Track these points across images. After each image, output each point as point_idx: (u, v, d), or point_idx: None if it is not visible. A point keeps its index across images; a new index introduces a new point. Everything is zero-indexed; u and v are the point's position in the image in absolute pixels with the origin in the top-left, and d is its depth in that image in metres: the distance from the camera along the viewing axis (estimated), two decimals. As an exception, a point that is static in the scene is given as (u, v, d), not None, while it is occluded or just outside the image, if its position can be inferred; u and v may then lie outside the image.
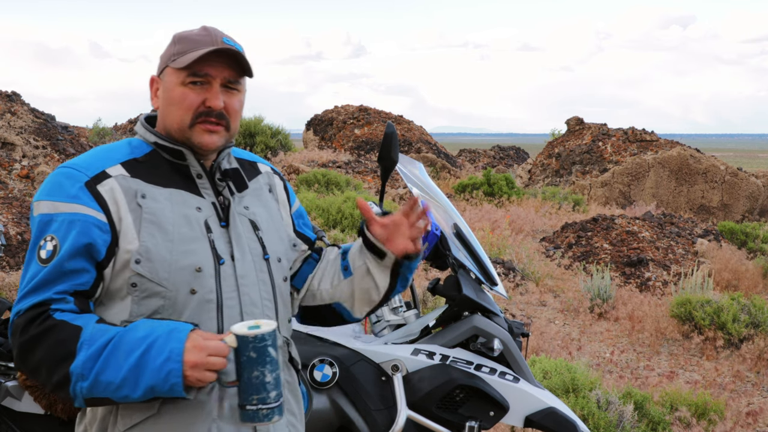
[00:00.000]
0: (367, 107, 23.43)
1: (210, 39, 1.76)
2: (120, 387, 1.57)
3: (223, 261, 1.74)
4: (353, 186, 13.14)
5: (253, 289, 1.78)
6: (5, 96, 19.06)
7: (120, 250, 1.66)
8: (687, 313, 6.96)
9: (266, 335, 1.58)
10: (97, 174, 1.69)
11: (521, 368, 2.61)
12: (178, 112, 1.75)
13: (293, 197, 2.06)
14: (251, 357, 1.57)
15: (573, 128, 20.43)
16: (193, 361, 1.56)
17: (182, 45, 1.76)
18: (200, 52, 1.72)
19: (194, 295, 1.69)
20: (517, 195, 14.94)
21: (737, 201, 16.54)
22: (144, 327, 1.61)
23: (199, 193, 1.78)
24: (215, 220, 1.77)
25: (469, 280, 2.63)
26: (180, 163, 1.78)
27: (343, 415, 2.49)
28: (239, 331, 1.59)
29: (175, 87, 1.76)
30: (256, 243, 1.82)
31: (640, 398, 4.62)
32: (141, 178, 1.72)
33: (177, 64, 1.75)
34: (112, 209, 1.67)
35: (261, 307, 1.79)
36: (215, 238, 1.74)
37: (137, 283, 1.66)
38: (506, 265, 8.74)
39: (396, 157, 2.57)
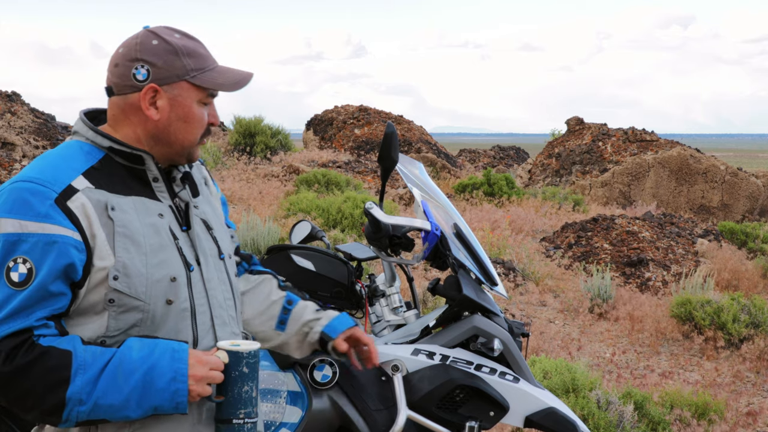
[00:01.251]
0: (367, 107, 23.42)
1: (210, 54, 1.76)
2: (121, 408, 1.57)
3: (192, 267, 1.73)
4: (353, 186, 13.14)
5: (218, 291, 1.79)
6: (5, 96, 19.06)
7: (94, 267, 1.62)
8: (687, 313, 6.96)
9: (257, 352, 1.66)
10: (65, 189, 1.62)
11: (521, 368, 2.61)
12: (194, 131, 1.74)
13: (216, 185, 2.04)
14: (243, 372, 1.64)
15: (573, 128, 20.43)
16: (198, 375, 1.61)
17: (196, 60, 1.72)
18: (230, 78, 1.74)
19: (171, 305, 1.68)
20: (517, 195, 14.94)
21: (737, 201, 16.54)
22: (139, 348, 1.61)
23: (156, 197, 1.74)
24: (176, 225, 1.75)
25: (469, 280, 2.63)
26: (136, 168, 1.73)
27: (343, 415, 2.49)
28: (231, 348, 1.64)
29: (193, 104, 1.73)
30: (211, 243, 1.82)
31: (640, 398, 4.62)
32: (104, 189, 1.66)
33: (203, 83, 1.71)
34: (85, 226, 1.61)
35: (225, 308, 1.81)
36: (181, 245, 1.73)
37: (115, 299, 1.63)
38: (506, 265, 8.74)
39: (396, 157, 2.57)
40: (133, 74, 1.69)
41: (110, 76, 1.73)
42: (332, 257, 2.76)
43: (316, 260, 2.74)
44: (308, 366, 2.53)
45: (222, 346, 1.66)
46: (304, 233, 2.95)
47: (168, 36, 1.71)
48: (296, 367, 2.54)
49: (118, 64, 1.70)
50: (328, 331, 2.04)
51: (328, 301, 2.74)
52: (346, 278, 2.74)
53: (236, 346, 1.65)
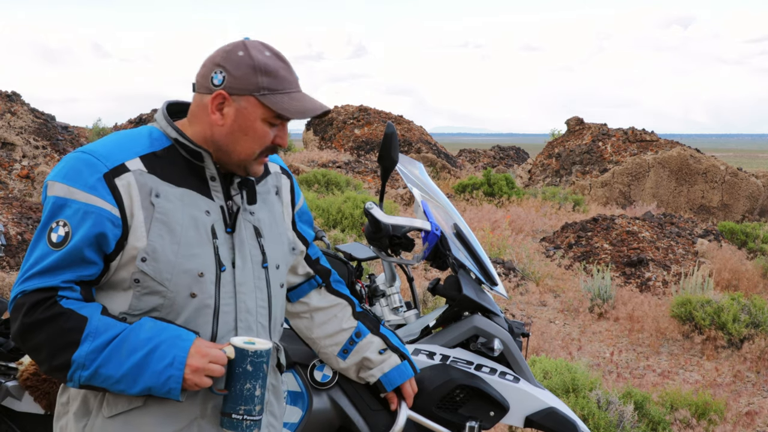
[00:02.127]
0: (367, 107, 23.43)
1: (294, 79, 1.78)
2: (118, 382, 1.64)
3: (224, 268, 1.77)
4: (353, 186, 13.14)
5: (250, 297, 1.82)
6: (5, 96, 19.06)
7: (128, 245, 1.69)
8: (687, 313, 6.96)
9: (264, 352, 1.69)
10: (117, 166, 1.70)
11: (521, 368, 2.61)
12: (252, 146, 1.78)
13: (298, 196, 2.09)
14: (247, 370, 1.67)
15: (573, 128, 20.44)
16: (195, 365, 1.64)
17: (271, 80, 1.75)
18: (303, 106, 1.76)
19: (194, 299, 1.73)
20: (517, 195, 14.95)
21: (737, 201, 16.55)
22: (149, 328, 1.66)
23: (210, 195, 1.80)
24: (221, 226, 1.79)
25: (469, 280, 2.63)
26: (196, 164, 1.80)
27: (343, 415, 2.49)
28: (239, 344, 1.67)
29: (257, 120, 1.76)
30: (257, 250, 1.85)
31: (640, 398, 4.62)
32: (157, 175, 1.73)
33: (270, 104, 1.74)
34: (126, 204, 1.69)
35: (255, 315, 1.84)
36: (219, 244, 1.77)
37: (140, 280, 1.70)
38: (506, 265, 8.74)
39: (396, 157, 2.57)
40: (212, 77, 1.76)
41: (198, 71, 1.81)
42: (332, 257, 2.76)
43: (316, 260, 2.74)
44: (308, 366, 2.53)
45: (233, 342, 1.69)
46: (304, 233, 2.95)
47: (256, 51, 1.76)
48: (296, 367, 2.54)
49: (205, 65, 1.79)
50: (384, 383, 2.30)
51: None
52: (346, 278, 2.74)
53: (249, 344, 1.68)
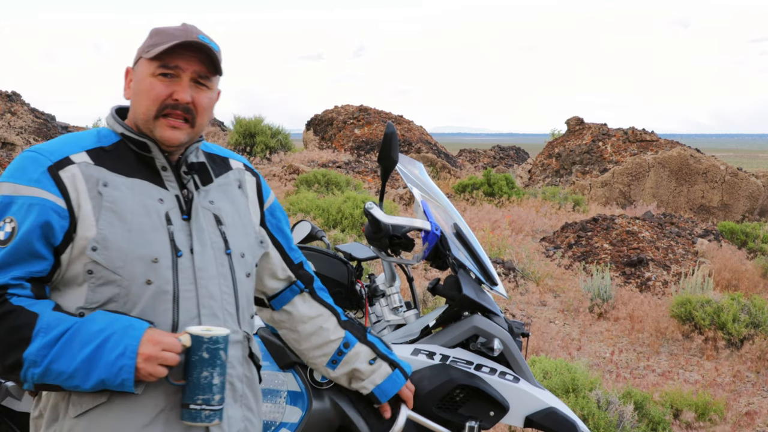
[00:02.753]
0: (367, 107, 23.43)
1: (184, 34, 1.77)
2: (71, 377, 1.62)
3: (181, 253, 1.75)
4: (353, 186, 13.14)
5: (212, 283, 1.79)
6: (5, 96, 19.07)
7: (77, 236, 1.68)
8: (687, 313, 6.96)
9: (220, 338, 1.65)
10: (61, 159, 1.71)
11: (521, 368, 2.61)
12: (145, 103, 1.76)
13: (267, 193, 2.06)
14: (203, 357, 1.63)
15: (573, 128, 20.44)
16: (147, 353, 1.61)
17: (157, 38, 1.78)
18: (172, 43, 1.74)
19: (150, 285, 1.70)
20: (517, 195, 14.95)
21: (737, 201, 16.55)
22: (101, 320, 1.64)
23: (164, 185, 1.79)
24: (177, 213, 1.78)
25: (469, 280, 2.63)
26: (146, 155, 1.79)
27: (343, 415, 2.49)
28: (195, 331, 1.64)
29: (145, 77, 1.77)
30: (218, 237, 1.83)
31: (640, 398, 4.62)
32: (105, 167, 1.73)
33: (149, 55, 1.76)
34: (72, 195, 1.68)
35: (220, 301, 1.80)
36: (175, 230, 1.75)
37: (93, 270, 1.68)
38: (506, 265, 8.74)
39: (396, 157, 2.57)
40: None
41: None
42: (332, 257, 2.76)
43: (316, 260, 2.73)
44: (308, 366, 2.53)
45: (190, 330, 1.66)
46: (304, 233, 2.94)
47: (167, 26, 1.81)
48: (296, 367, 2.54)
49: None
50: (378, 394, 2.28)
51: (328, 301, 2.74)
52: (346, 278, 2.74)
53: (207, 331, 1.65)
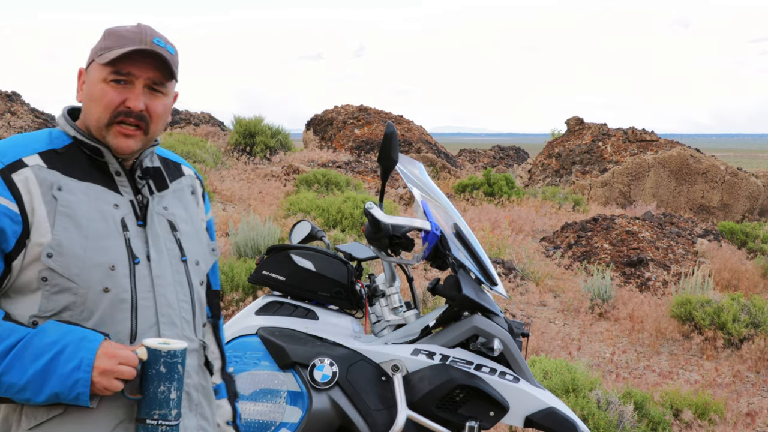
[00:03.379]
0: (367, 107, 23.42)
1: (139, 37, 1.71)
2: (23, 390, 1.57)
3: (138, 260, 1.70)
4: (353, 186, 13.13)
5: (170, 290, 1.75)
6: (5, 96, 19.07)
7: (31, 242, 1.62)
8: (687, 313, 6.96)
9: (178, 352, 1.61)
10: (13, 162, 1.64)
11: (521, 368, 2.61)
12: (97, 109, 1.71)
13: (208, 206, 2.02)
14: (160, 371, 1.59)
15: (573, 128, 20.43)
16: (102, 367, 1.56)
17: (110, 40, 1.72)
18: (124, 49, 1.67)
19: (107, 293, 1.65)
20: (517, 195, 14.94)
21: (737, 201, 16.54)
22: (54, 331, 1.59)
23: (118, 190, 1.74)
24: (132, 219, 1.73)
25: (469, 280, 2.63)
26: (99, 160, 1.74)
27: (343, 415, 2.49)
28: (152, 345, 1.60)
29: (97, 83, 1.71)
30: (173, 244, 1.79)
31: (640, 398, 4.62)
32: (58, 170, 1.67)
33: (101, 60, 1.70)
34: (26, 200, 1.62)
35: (178, 309, 1.76)
36: (131, 237, 1.71)
37: (48, 278, 1.62)
38: (506, 265, 8.74)
39: (396, 157, 2.57)
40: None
41: None
42: (332, 257, 2.76)
43: (316, 260, 2.74)
44: (308, 366, 2.53)
45: (146, 343, 1.61)
46: (304, 233, 2.95)
47: (122, 26, 1.75)
48: (296, 367, 2.54)
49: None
50: None
51: (328, 301, 2.74)
52: (346, 278, 2.74)
53: (164, 344, 1.60)
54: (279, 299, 2.73)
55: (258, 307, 2.72)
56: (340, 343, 2.59)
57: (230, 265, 6.61)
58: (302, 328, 2.63)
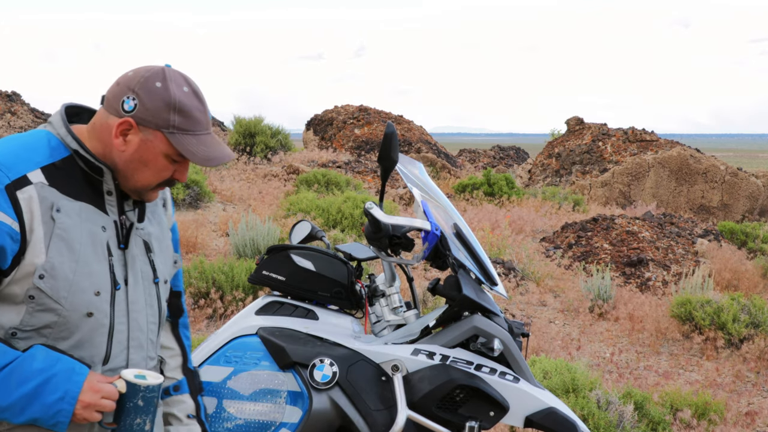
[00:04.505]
0: (367, 107, 23.41)
1: (206, 120, 1.76)
2: (4, 410, 1.61)
3: (119, 286, 1.76)
4: (353, 186, 13.13)
5: (141, 315, 1.82)
6: (5, 96, 19.06)
7: (25, 260, 1.64)
8: (687, 313, 6.96)
9: (155, 387, 1.69)
10: (19, 178, 1.65)
11: (521, 368, 2.61)
12: (150, 177, 1.76)
13: (172, 210, 2.06)
14: (138, 405, 1.67)
15: (573, 128, 20.43)
16: (87, 401, 1.63)
17: (183, 119, 1.72)
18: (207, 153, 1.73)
19: (90, 318, 1.70)
20: (517, 195, 14.94)
21: (737, 201, 16.54)
22: (42, 358, 1.63)
23: (105, 209, 1.77)
24: (115, 242, 1.77)
25: (469, 280, 2.63)
26: (94, 177, 1.76)
27: (343, 415, 2.49)
28: (131, 379, 1.67)
29: (159, 155, 1.73)
30: (147, 266, 1.84)
31: (640, 398, 4.62)
32: (57, 188, 1.69)
33: (176, 143, 1.71)
34: (26, 219, 1.64)
35: (146, 332, 1.83)
36: (114, 262, 1.76)
37: (35, 296, 1.65)
38: (506, 265, 8.74)
39: (396, 157, 2.57)
40: (123, 101, 1.71)
41: (110, 88, 1.75)
42: (332, 257, 2.76)
43: (316, 260, 2.74)
44: (308, 366, 2.53)
45: (124, 376, 1.69)
46: (304, 233, 2.95)
47: (175, 86, 1.72)
48: (296, 367, 2.54)
49: (119, 84, 1.73)
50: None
51: (328, 301, 2.74)
52: (346, 278, 2.74)
53: (140, 377, 1.68)
54: (279, 299, 2.73)
55: (258, 307, 2.72)
56: (340, 343, 2.59)
57: (230, 265, 6.62)
58: (302, 328, 2.63)
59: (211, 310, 6.23)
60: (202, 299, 6.34)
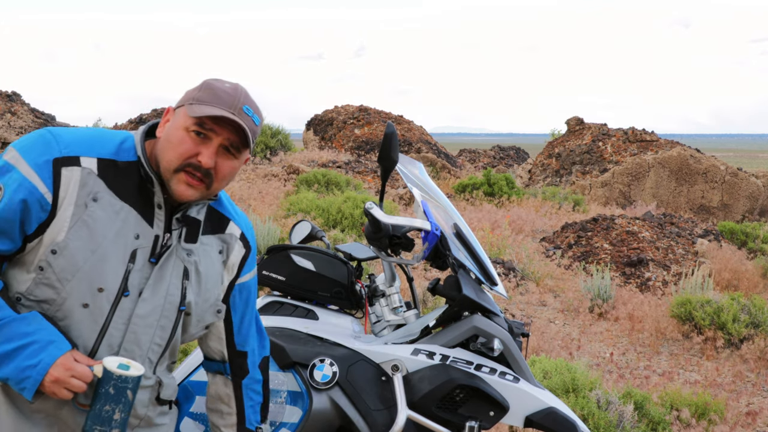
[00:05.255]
0: (367, 107, 23.41)
1: (232, 101, 1.76)
2: None
3: (128, 293, 1.75)
4: (353, 186, 13.13)
5: (146, 332, 1.80)
6: (5, 96, 19.06)
7: (47, 233, 1.68)
8: (687, 313, 6.96)
9: (130, 379, 1.70)
10: (70, 156, 1.71)
11: (521, 368, 2.61)
12: (171, 153, 1.75)
13: (248, 270, 2.04)
14: (109, 392, 1.69)
15: (573, 128, 20.43)
16: (56, 376, 1.65)
17: (206, 93, 1.77)
18: (214, 112, 1.73)
19: (85, 309, 1.72)
20: (518, 195, 14.94)
21: (737, 201, 16.54)
22: (33, 324, 1.67)
23: (151, 221, 1.78)
24: (146, 253, 1.77)
25: (469, 280, 2.63)
26: (149, 188, 1.79)
27: (343, 415, 2.49)
28: (108, 366, 1.69)
29: (179, 129, 1.76)
30: (177, 290, 1.83)
31: (640, 398, 4.62)
32: (105, 181, 1.73)
33: (190, 111, 1.75)
34: (61, 194, 1.68)
35: (146, 350, 1.82)
36: (134, 270, 1.75)
37: (44, 268, 1.69)
38: (506, 265, 8.74)
39: (396, 157, 2.57)
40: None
41: None
42: (332, 257, 2.76)
43: (316, 260, 2.74)
44: (308, 366, 2.53)
45: (105, 362, 1.70)
46: (304, 233, 2.95)
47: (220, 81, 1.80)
48: (296, 367, 2.54)
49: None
50: None
51: (328, 301, 2.74)
52: (346, 278, 2.74)
53: (122, 367, 1.70)
54: (279, 299, 2.74)
55: (258, 307, 2.72)
56: (340, 343, 2.59)
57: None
58: (302, 328, 2.63)
59: (211, 310, 6.24)
60: (202, 299, 6.34)
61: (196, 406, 2.53)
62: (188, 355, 3.00)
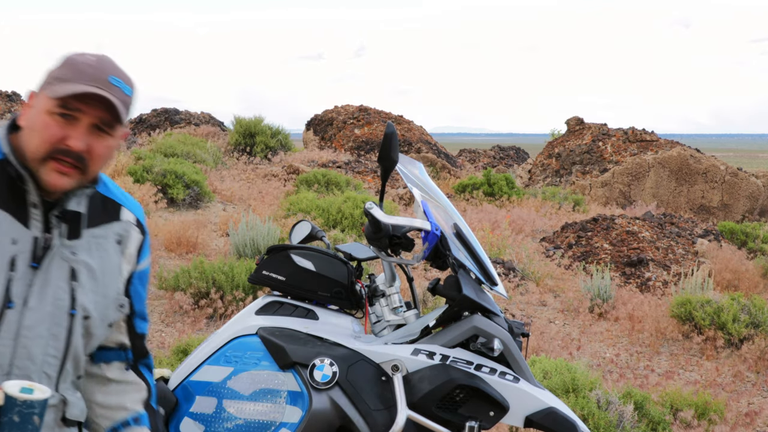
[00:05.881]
0: (367, 107, 23.41)
1: (95, 74, 1.60)
2: None
3: (12, 305, 1.59)
4: (353, 186, 13.13)
5: (37, 343, 1.62)
6: (5, 96, 19.07)
7: None
8: (687, 313, 6.96)
9: (36, 403, 1.54)
10: None
11: (521, 368, 2.61)
12: (36, 141, 1.59)
13: (144, 255, 1.86)
14: (13, 420, 1.53)
15: (573, 128, 20.43)
16: None
17: (67, 70, 1.60)
18: (75, 89, 1.57)
19: None
20: (518, 195, 14.94)
21: (737, 201, 16.54)
22: None
23: (27, 223, 1.62)
24: (26, 259, 1.61)
25: (469, 280, 2.63)
26: (20, 186, 1.62)
27: (343, 415, 2.49)
28: (9, 391, 1.53)
29: (42, 114, 1.59)
30: (65, 294, 1.65)
31: (640, 398, 4.62)
32: None
33: (51, 91, 1.59)
34: None
35: (40, 364, 1.64)
36: (15, 279, 1.59)
37: None
38: (506, 265, 8.73)
39: (396, 157, 2.58)
40: None
41: None
42: (332, 257, 2.76)
43: (316, 260, 2.74)
44: (308, 366, 2.53)
45: (6, 387, 1.53)
46: (304, 233, 2.95)
47: (82, 55, 1.64)
48: (296, 366, 2.54)
49: None
50: None
51: (328, 301, 2.74)
52: (346, 278, 2.74)
53: (26, 390, 1.53)
54: (279, 299, 2.73)
55: (258, 307, 2.72)
56: (340, 343, 2.59)
57: (230, 265, 6.62)
58: (302, 328, 2.63)
59: (212, 310, 6.24)
60: (202, 299, 6.34)
61: (196, 406, 2.54)
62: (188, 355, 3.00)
